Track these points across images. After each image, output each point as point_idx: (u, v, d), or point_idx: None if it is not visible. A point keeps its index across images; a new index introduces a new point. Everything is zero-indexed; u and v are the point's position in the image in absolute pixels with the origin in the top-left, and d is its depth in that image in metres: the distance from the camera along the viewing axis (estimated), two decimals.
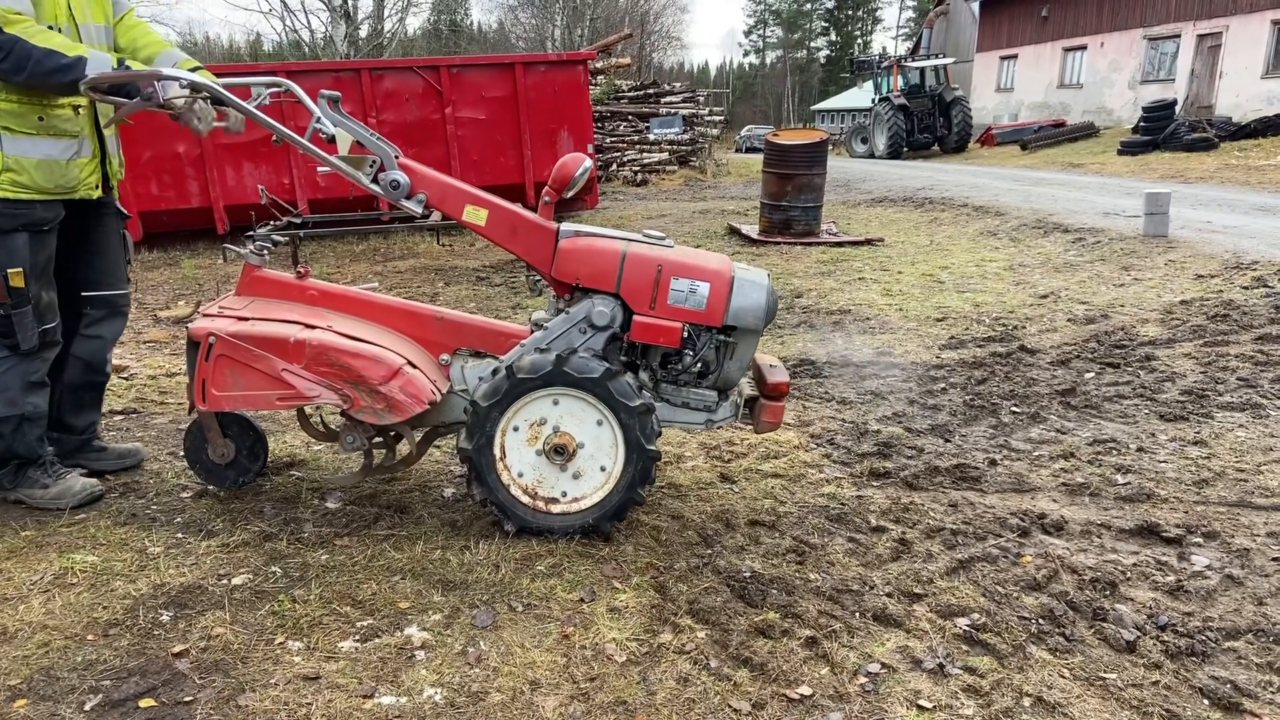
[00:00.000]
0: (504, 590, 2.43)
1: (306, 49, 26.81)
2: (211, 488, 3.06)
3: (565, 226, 2.73)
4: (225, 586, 2.45)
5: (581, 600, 2.40)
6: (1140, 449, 3.49)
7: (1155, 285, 6.39)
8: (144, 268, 8.48)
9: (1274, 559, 2.59)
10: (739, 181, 18.38)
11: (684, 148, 18.99)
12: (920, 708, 1.97)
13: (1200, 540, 2.73)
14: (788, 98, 74.21)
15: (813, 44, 79.63)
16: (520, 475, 2.66)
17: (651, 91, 19.70)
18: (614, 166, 17.65)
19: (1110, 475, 3.24)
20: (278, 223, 7.06)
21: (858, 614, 2.34)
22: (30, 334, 2.77)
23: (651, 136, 18.55)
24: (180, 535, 2.75)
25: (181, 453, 3.24)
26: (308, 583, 2.46)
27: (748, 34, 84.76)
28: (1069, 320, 5.65)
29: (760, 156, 10.36)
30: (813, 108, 65.65)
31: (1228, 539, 2.72)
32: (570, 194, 2.75)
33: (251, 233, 2.92)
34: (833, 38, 77.57)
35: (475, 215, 2.70)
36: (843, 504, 3.01)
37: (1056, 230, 8.96)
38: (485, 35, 52.82)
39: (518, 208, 2.74)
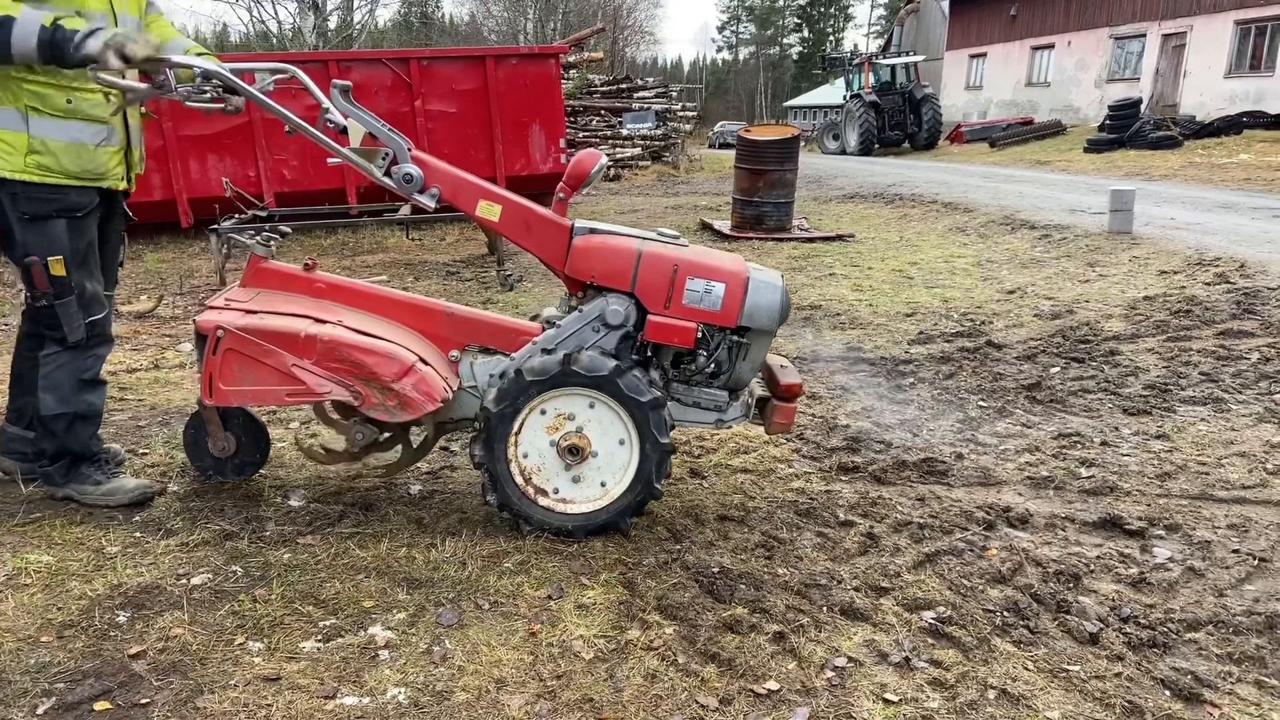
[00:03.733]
0: (470, 588, 2.41)
1: (274, 40, 26.42)
2: (172, 485, 3.00)
3: (580, 224, 2.70)
4: (184, 586, 2.40)
5: (549, 597, 2.38)
6: (1104, 442, 3.53)
7: (1120, 281, 6.48)
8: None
9: (1234, 551, 2.63)
10: (712, 177, 18.40)
11: (657, 143, 18.99)
12: (886, 701, 1.98)
13: (1162, 533, 2.76)
14: (761, 94, 74.43)
15: (785, 40, 79.93)
16: (524, 456, 2.62)
17: (624, 86, 19.68)
18: None
19: (1074, 469, 3.27)
20: (242, 216, 6.95)
21: (825, 608, 2.34)
22: (77, 325, 2.69)
23: (624, 131, 18.53)
24: (138, 534, 2.70)
25: (141, 450, 3.18)
26: (269, 582, 2.42)
27: (721, 30, 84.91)
28: (1035, 316, 5.71)
29: (733, 152, 10.37)
30: (785, 104, 65.87)
31: (1189, 531, 2.76)
32: (585, 190, 2.73)
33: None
34: (805, 34, 77.87)
35: (489, 210, 2.66)
36: (811, 499, 3.02)
37: (1024, 227, 9.05)
38: (457, 28, 52.38)
39: (532, 204, 2.71)
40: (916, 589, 2.43)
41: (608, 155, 17.66)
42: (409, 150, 2.58)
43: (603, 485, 2.65)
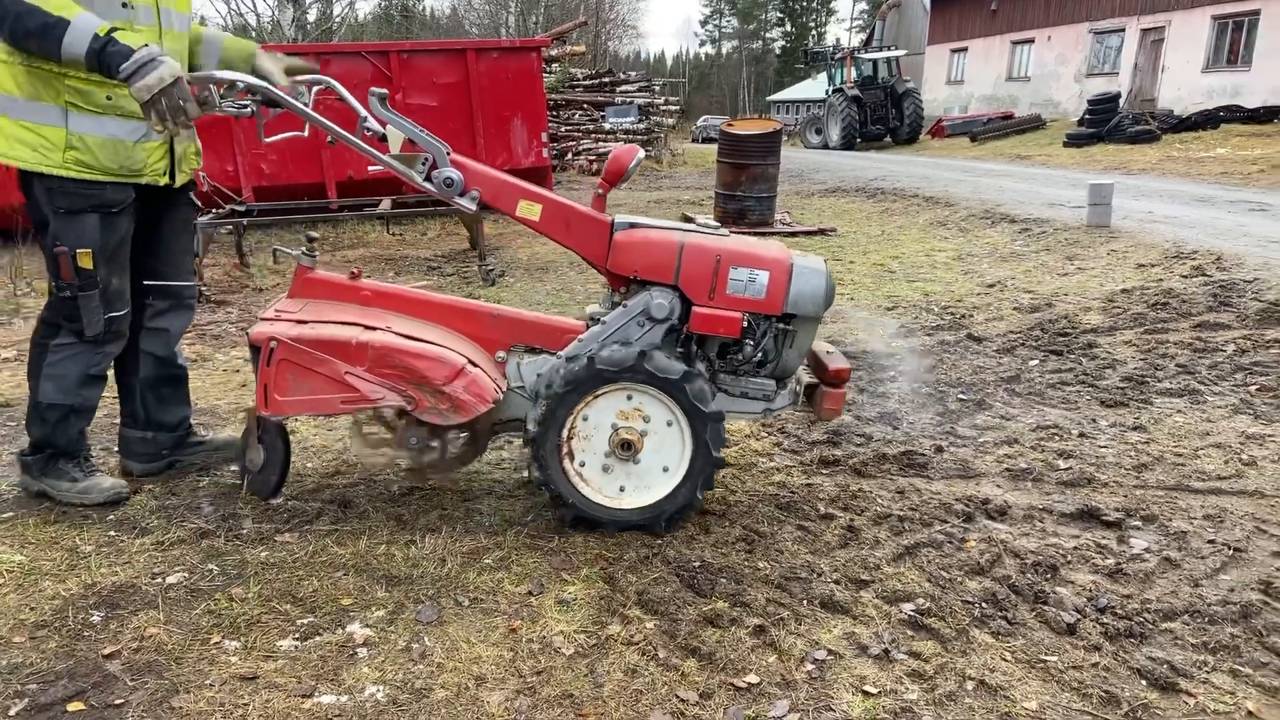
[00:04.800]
0: (450, 585, 2.39)
1: (253, 33, 26.16)
2: (149, 484, 2.97)
3: (620, 219, 2.70)
4: (159, 585, 2.38)
5: (529, 593, 2.37)
6: (1082, 434, 3.55)
7: (1098, 274, 6.53)
8: None
9: (1210, 541, 2.66)
10: (694, 171, 18.40)
11: (640, 137, 18.95)
12: (865, 693, 1.98)
13: (1139, 523, 2.79)
14: (744, 88, 74.47)
15: (768, 35, 79.98)
16: (580, 434, 2.61)
17: (607, 80, 19.62)
18: (569, 155, 17.54)
19: (1052, 460, 3.29)
20: (221, 211, 6.88)
21: (805, 601, 2.34)
22: (96, 319, 2.66)
23: (607, 125, 18.48)
24: (113, 533, 2.66)
25: (116, 448, 3.14)
26: (246, 580, 2.40)
27: (704, 24, 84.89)
28: (1015, 309, 5.75)
29: (716, 146, 10.36)
30: (768, 98, 65.94)
31: (1166, 522, 2.79)
32: (623, 185, 2.73)
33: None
34: (788, 29, 77.97)
35: (529, 210, 2.65)
36: (792, 492, 3.02)
37: (1004, 221, 9.11)
38: (438, 21, 52.02)
39: (572, 202, 2.70)
40: (896, 581, 2.44)
41: (590, 149, 17.63)
42: (448, 154, 2.58)
43: (646, 488, 2.66)
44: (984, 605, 2.32)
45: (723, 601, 2.32)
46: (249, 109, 2.63)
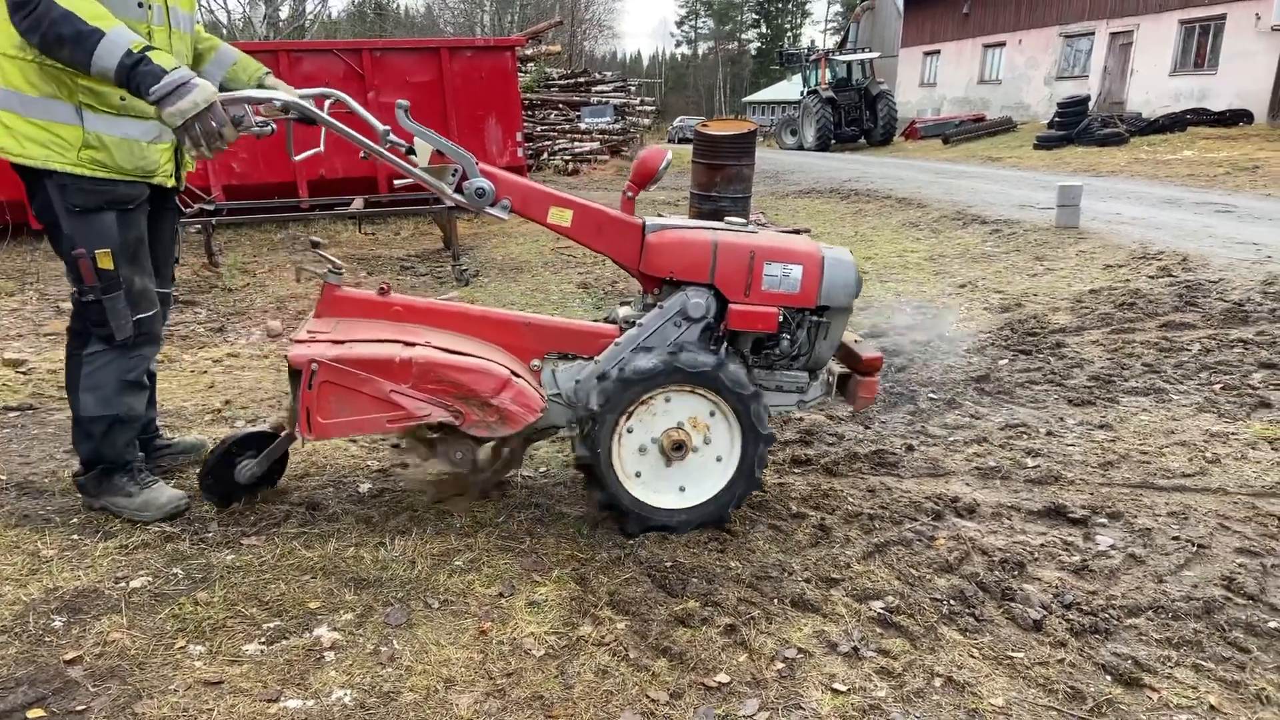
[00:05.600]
0: (420, 587, 2.38)
1: (224, 31, 25.85)
2: None
3: (651, 220, 2.70)
4: (123, 590, 2.34)
5: (500, 595, 2.36)
6: (1049, 433, 3.60)
7: (1066, 275, 6.61)
8: (46, 256, 8.06)
9: (1174, 538, 2.70)
10: (670, 171, 18.40)
11: (616, 137, 18.93)
12: (835, 691, 1.99)
13: (1105, 521, 2.82)
14: (720, 89, 74.65)
15: (744, 36, 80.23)
16: (633, 432, 2.63)
17: (583, 80, 19.58)
18: (545, 155, 17.49)
19: (1020, 459, 3.33)
20: (190, 210, 6.79)
21: (776, 600, 2.35)
22: (124, 322, 2.58)
23: (583, 125, 18.44)
24: (76, 537, 2.62)
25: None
26: (211, 584, 2.36)
27: (680, 24, 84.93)
28: (985, 309, 5.81)
29: (692, 147, 10.37)
30: (744, 99, 66.14)
31: (1131, 519, 2.82)
32: (652, 187, 2.72)
33: None
34: (763, 30, 78.25)
35: (560, 217, 2.64)
36: (764, 491, 3.03)
37: (975, 222, 9.20)
38: (412, 20, 51.71)
39: (602, 206, 2.70)
40: (866, 579, 2.45)
41: (565, 149, 17.58)
42: (476, 164, 2.56)
43: (680, 489, 2.69)
44: (952, 602, 2.34)
45: (694, 601, 2.33)
46: (270, 128, 2.56)
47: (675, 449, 2.61)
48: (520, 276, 7.21)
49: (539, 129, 17.76)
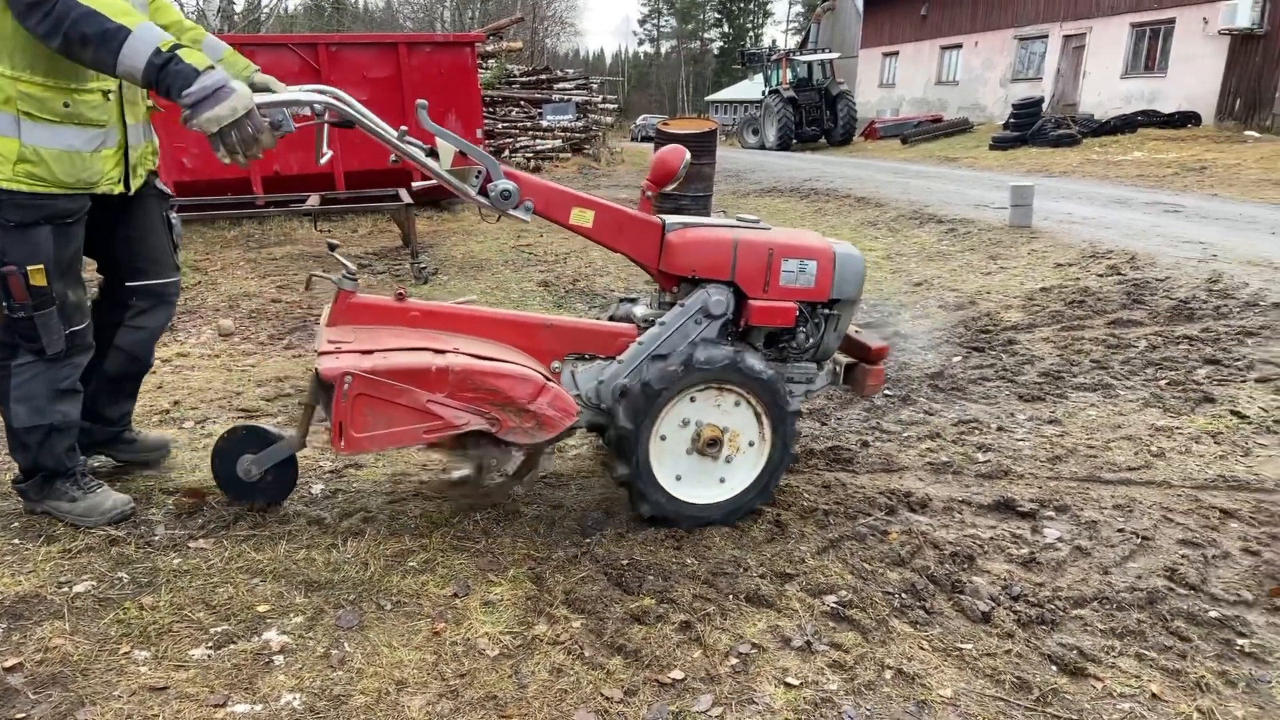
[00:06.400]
0: (372, 589, 2.35)
1: None
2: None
3: (670, 220, 2.73)
4: (65, 595, 2.28)
5: (454, 595, 2.34)
6: (1000, 428, 3.66)
7: (1019, 273, 6.73)
8: None
9: (1119, 530, 2.76)
10: (633, 170, 18.40)
11: (578, 135, 18.87)
12: (787, 685, 2.01)
13: (1052, 514, 2.88)
14: (683, 88, 74.84)
15: (706, 35, 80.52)
16: (666, 439, 2.67)
17: (544, 77, 19.47)
18: (506, 153, 17.38)
19: (972, 454, 3.39)
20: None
21: (731, 596, 2.37)
22: (56, 337, 2.47)
23: (545, 123, 18.35)
24: (17, 541, 2.55)
25: None
26: (157, 588, 2.32)
27: (642, 23, 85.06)
28: (940, 307, 5.89)
29: (653, 145, 10.38)
30: (707, 98, 66.37)
31: (1077, 512, 2.88)
32: (672, 187, 2.75)
33: None
34: (725, 29, 78.60)
35: (582, 217, 2.66)
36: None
37: (931, 221, 9.32)
38: (371, 15, 51.09)
39: (621, 206, 2.71)
40: (820, 574, 2.48)
41: (527, 147, 17.49)
42: (500, 166, 2.55)
43: (722, 481, 2.75)
44: (904, 596, 2.37)
45: (650, 599, 2.33)
46: (291, 128, 2.46)
47: (710, 445, 2.66)
48: (480, 274, 7.16)
49: (500, 126, 17.64)
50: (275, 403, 3.89)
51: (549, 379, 2.54)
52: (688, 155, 2.77)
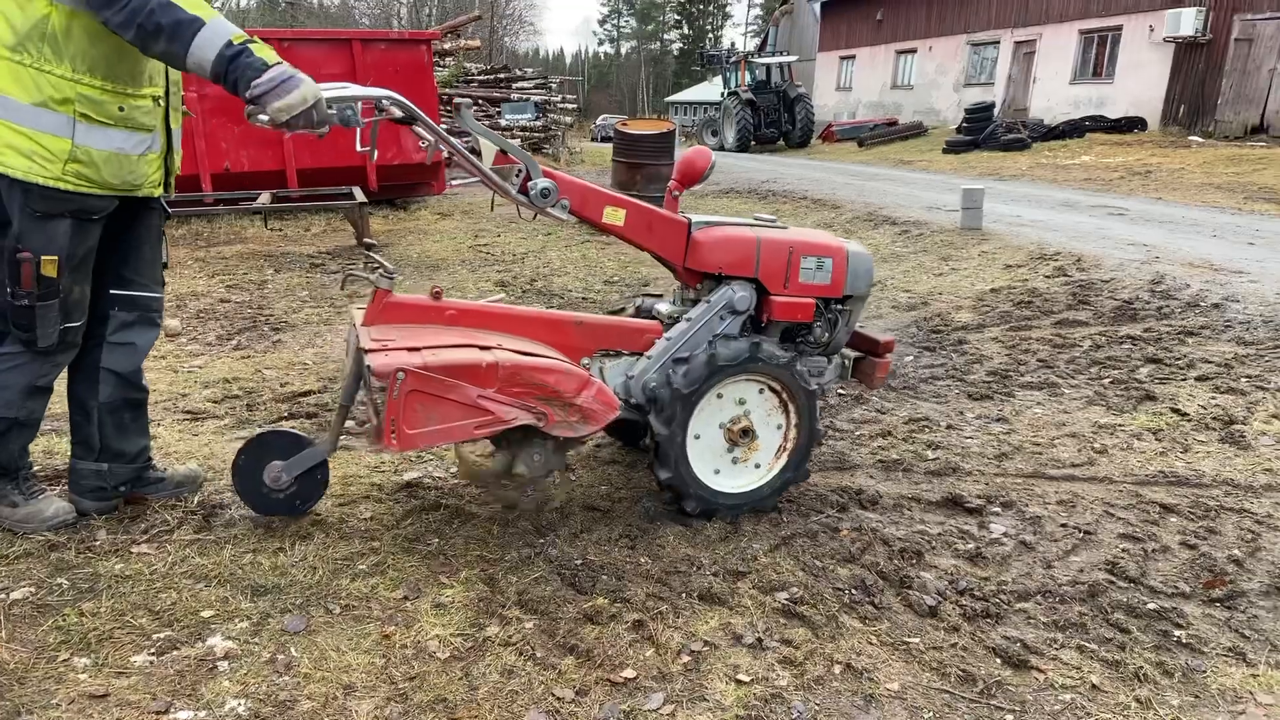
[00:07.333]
0: (320, 593, 2.32)
1: None
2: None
3: (695, 218, 2.82)
4: (2, 601, 2.22)
5: (405, 598, 2.32)
6: (949, 426, 3.73)
7: (970, 274, 6.86)
8: None
9: (1062, 525, 2.83)
10: (593, 169, 18.38)
11: (537, 135, 18.82)
12: (739, 682, 2.02)
13: (998, 510, 2.94)
14: (643, 88, 74.97)
15: (666, 36, 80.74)
16: (700, 438, 2.75)
17: (503, 76, 19.38)
18: None
19: (922, 451, 3.44)
20: None
21: (684, 594, 2.38)
22: (51, 330, 2.40)
23: (503, 122, 18.26)
24: None
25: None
26: (98, 594, 2.26)
27: (602, 23, 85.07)
28: (893, 307, 5.98)
29: (612, 146, 10.40)
30: (667, 99, 66.56)
31: (1022, 508, 2.95)
32: (698, 186, 2.79)
33: None
34: (685, 31, 78.88)
35: (614, 216, 2.71)
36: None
37: (885, 223, 9.46)
38: (326, 11, 50.36)
39: (651, 206, 2.76)
40: (772, 571, 2.50)
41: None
42: (539, 165, 2.58)
43: (757, 467, 2.85)
44: (853, 591, 2.40)
45: (603, 598, 2.33)
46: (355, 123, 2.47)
47: (743, 435, 2.77)
48: (437, 275, 7.10)
49: (457, 124, 17.53)
50: (222, 405, 3.82)
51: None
52: (713, 157, 2.88)
